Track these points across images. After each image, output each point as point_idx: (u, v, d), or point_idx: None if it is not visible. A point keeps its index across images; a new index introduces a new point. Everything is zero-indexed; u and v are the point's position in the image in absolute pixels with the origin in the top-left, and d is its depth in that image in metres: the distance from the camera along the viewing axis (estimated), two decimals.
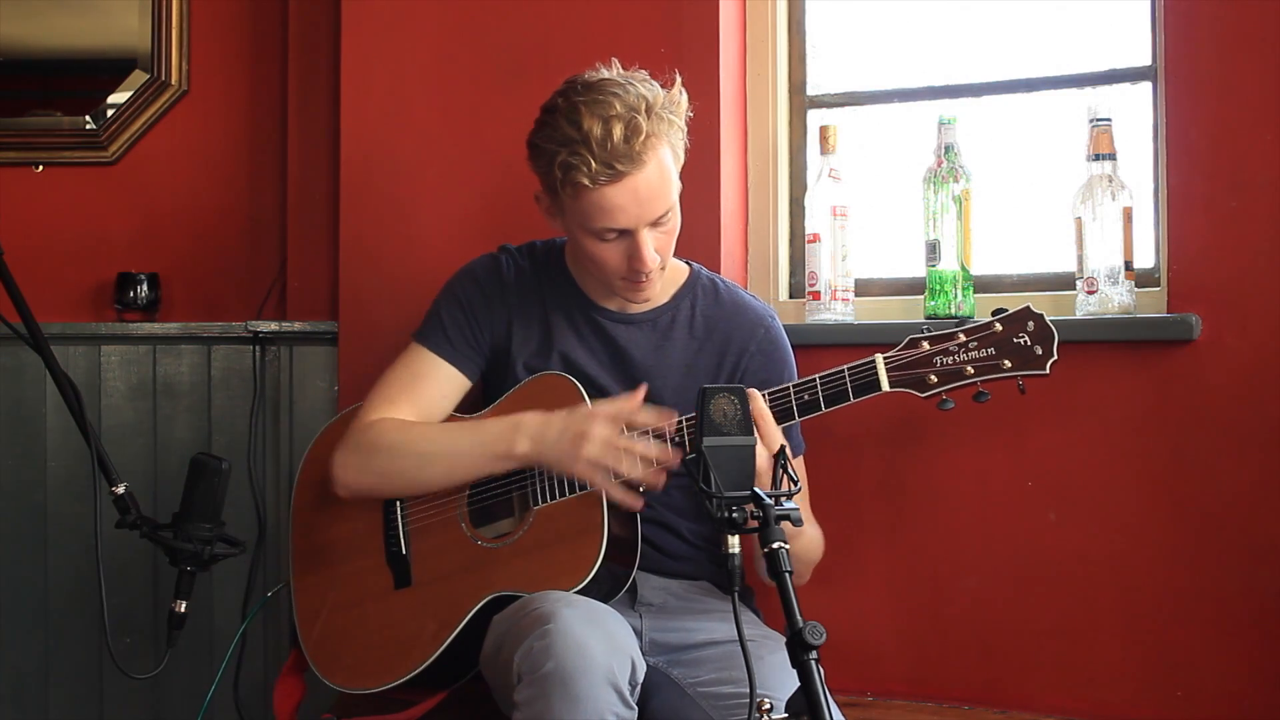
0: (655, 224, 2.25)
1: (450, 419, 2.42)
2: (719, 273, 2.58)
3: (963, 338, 2.10)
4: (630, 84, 2.22)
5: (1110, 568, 2.52)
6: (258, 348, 3.18)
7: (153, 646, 3.16)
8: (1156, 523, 2.48)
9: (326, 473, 2.41)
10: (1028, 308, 2.10)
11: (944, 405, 2.11)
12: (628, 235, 2.24)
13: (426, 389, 2.40)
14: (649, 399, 2.34)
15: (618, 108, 2.18)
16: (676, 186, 2.27)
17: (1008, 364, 2.09)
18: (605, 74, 2.26)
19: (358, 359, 2.98)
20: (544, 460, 2.23)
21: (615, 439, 2.16)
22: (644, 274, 2.27)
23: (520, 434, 2.24)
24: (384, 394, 2.42)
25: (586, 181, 2.19)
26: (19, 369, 3.23)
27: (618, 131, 2.17)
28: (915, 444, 2.64)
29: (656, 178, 2.22)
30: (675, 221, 2.29)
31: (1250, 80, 2.42)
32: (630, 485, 2.19)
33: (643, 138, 2.18)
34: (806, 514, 2.37)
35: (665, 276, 2.41)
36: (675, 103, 2.26)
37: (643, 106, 2.20)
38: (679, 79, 2.30)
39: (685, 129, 2.29)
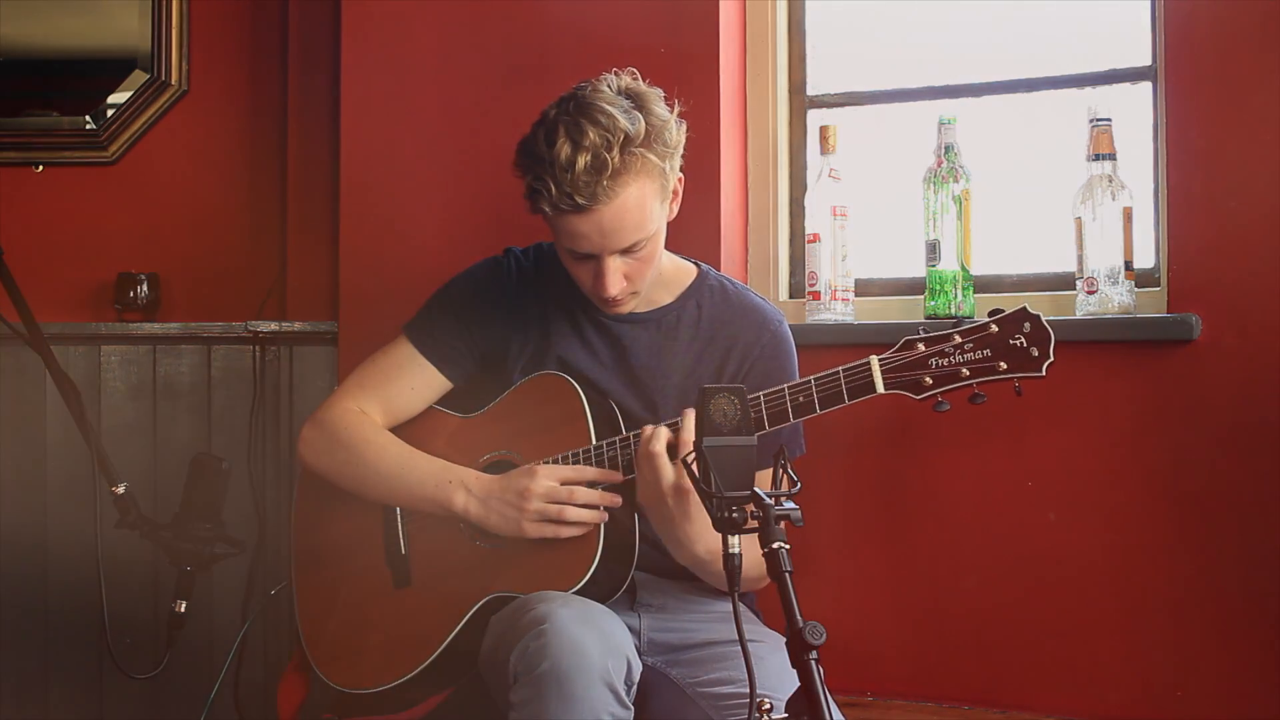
0: (626, 251, 2.23)
1: (439, 416, 2.42)
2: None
3: (958, 339, 2.09)
4: (618, 114, 2.17)
5: (1110, 568, 2.52)
6: (258, 348, 3.18)
7: (153, 646, 3.16)
8: (1156, 523, 2.48)
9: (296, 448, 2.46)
10: (1024, 308, 2.09)
11: (939, 407, 2.10)
12: (594, 259, 2.24)
13: (402, 382, 2.42)
14: (651, 399, 2.34)
15: (591, 137, 2.14)
16: (656, 217, 2.23)
17: (1003, 365, 2.08)
18: (604, 94, 2.20)
19: (358, 359, 2.97)
20: (488, 523, 2.25)
21: (557, 491, 2.18)
22: (606, 298, 2.26)
23: (461, 492, 2.27)
24: (361, 378, 2.45)
25: (548, 208, 2.19)
26: (19, 369, 3.23)
27: (581, 163, 2.14)
28: (915, 444, 2.64)
29: (625, 213, 2.18)
30: (652, 249, 2.26)
31: (1250, 80, 2.42)
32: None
33: (608, 174, 2.14)
34: None
35: (671, 277, 2.40)
36: (662, 139, 2.20)
37: (619, 140, 2.14)
38: (677, 107, 2.26)
39: (675, 163, 2.24)
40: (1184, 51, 2.47)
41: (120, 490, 2.57)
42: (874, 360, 2.11)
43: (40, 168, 3.38)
